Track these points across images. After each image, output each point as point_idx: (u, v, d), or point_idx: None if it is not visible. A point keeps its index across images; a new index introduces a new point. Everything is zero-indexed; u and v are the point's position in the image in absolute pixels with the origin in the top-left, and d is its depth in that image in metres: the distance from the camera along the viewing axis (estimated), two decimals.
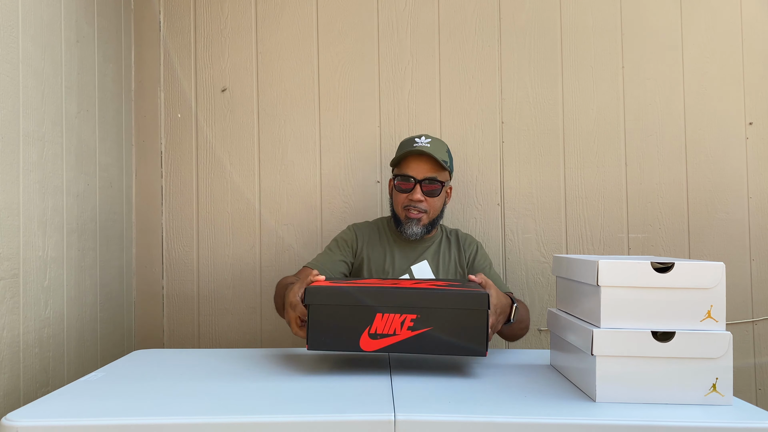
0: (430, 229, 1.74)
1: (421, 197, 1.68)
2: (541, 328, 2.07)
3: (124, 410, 1.02)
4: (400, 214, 1.73)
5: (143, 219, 2.11)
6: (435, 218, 1.74)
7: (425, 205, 1.69)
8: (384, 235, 1.81)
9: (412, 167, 1.69)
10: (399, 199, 1.72)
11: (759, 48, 2.06)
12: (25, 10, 1.44)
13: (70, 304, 1.65)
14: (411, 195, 1.68)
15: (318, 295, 1.22)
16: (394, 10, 2.10)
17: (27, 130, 1.44)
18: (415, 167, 1.69)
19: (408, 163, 1.70)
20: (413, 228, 1.70)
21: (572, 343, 1.21)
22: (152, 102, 2.12)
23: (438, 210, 1.74)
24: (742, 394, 1.96)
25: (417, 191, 1.68)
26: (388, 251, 1.78)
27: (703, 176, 2.06)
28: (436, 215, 1.74)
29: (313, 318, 1.22)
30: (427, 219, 1.71)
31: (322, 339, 1.22)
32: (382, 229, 1.83)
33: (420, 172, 1.68)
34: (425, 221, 1.71)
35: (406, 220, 1.71)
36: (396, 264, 1.75)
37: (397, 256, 1.76)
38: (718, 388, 1.07)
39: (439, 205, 1.73)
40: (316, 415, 0.99)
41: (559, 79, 2.08)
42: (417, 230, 1.71)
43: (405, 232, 1.72)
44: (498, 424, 0.98)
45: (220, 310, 2.10)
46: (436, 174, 1.69)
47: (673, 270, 1.09)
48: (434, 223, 1.74)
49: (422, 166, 1.69)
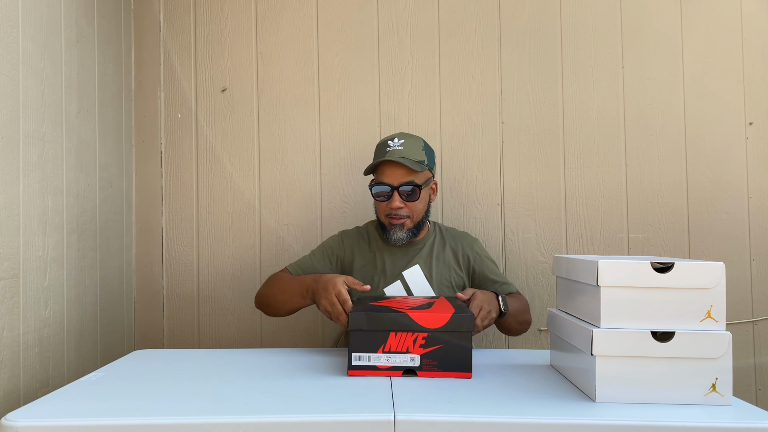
0: (417, 231, 1.72)
1: (400, 204, 1.64)
2: (541, 328, 2.07)
3: (124, 410, 1.02)
4: (384, 221, 1.70)
5: (143, 219, 2.11)
6: (420, 220, 1.71)
7: (406, 210, 1.66)
8: (373, 240, 1.78)
9: (387, 175, 1.65)
10: (380, 207, 1.69)
11: (759, 48, 2.06)
12: (25, 10, 1.44)
13: (70, 304, 1.65)
14: (390, 203, 1.65)
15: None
16: (394, 11, 2.10)
17: (27, 130, 1.44)
18: (390, 174, 1.64)
19: (383, 171, 1.66)
20: (398, 234, 1.68)
21: (572, 343, 1.21)
22: (152, 102, 2.12)
23: (422, 212, 1.70)
24: (742, 394, 1.96)
25: (395, 199, 1.64)
26: (378, 257, 1.75)
27: (703, 176, 2.06)
28: (421, 217, 1.71)
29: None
30: (411, 223, 1.69)
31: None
32: (371, 235, 1.80)
33: (396, 179, 1.64)
34: (409, 225, 1.69)
35: (390, 227, 1.69)
36: (387, 270, 1.72)
37: (387, 261, 1.73)
38: (717, 388, 1.07)
39: (421, 207, 1.70)
40: (316, 415, 0.99)
41: (559, 79, 2.08)
42: (402, 235, 1.69)
43: (390, 238, 1.70)
44: (498, 424, 0.98)
45: (220, 310, 2.10)
46: (413, 177, 1.65)
47: (673, 270, 1.09)
48: (420, 225, 1.72)
49: (397, 172, 1.64)
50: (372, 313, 1.26)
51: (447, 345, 1.25)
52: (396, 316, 1.26)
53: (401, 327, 1.25)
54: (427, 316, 1.26)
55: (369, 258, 1.75)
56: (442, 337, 1.25)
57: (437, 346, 1.24)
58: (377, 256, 1.75)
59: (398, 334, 1.25)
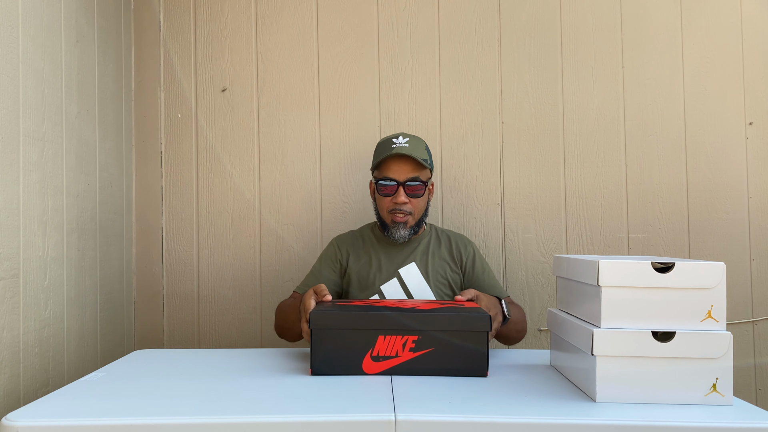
0: (417, 229, 1.74)
1: (405, 199, 1.66)
2: (541, 328, 2.07)
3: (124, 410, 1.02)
4: (386, 218, 1.71)
5: (143, 219, 2.11)
6: (420, 218, 1.73)
7: (410, 206, 1.68)
8: (369, 241, 1.79)
9: (393, 170, 1.67)
10: (384, 203, 1.70)
11: (759, 48, 2.06)
12: (25, 10, 1.44)
13: (70, 304, 1.65)
14: (395, 198, 1.66)
15: (321, 320, 1.23)
16: (394, 11, 2.10)
17: (27, 130, 1.44)
18: (397, 169, 1.67)
19: (389, 166, 1.68)
20: (400, 231, 1.69)
21: (572, 343, 1.21)
22: (152, 102, 2.12)
23: (422, 210, 1.73)
24: (742, 394, 1.96)
25: (401, 194, 1.66)
26: (374, 257, 1.76)
27: (703, 176, 2.06)
28: (421, 215, 1.73)
29: (316, 343, 1.23)
30: (413, 220, 1.70)
31: (325, 363, 1.24)
32: (366, 236, 1.81)
33: (402, 174, 1.66)
34: (411, 223, 1.70)
35: (393, 225, 1.70)
36: (383, 269, 1.73)
37: (383, 260, 1.74)
38: (718, 388, 1.07)
39: (423, 205, 1.72)
40: (316, 415, 0.99)
41: (559, 79, 2.08)
42: (404, 233, 1.70)
43: (393, 236, 1.71)
44: (498, 424, 0.98)
45: (220, 310, 2.10)
46: (418, 173, 1.67)
47: (673, 270, 1.09)
48: (420, 222, 1.73)
49: (403, 167, 1.67)
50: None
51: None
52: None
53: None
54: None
55: (365, 258, 1.76)
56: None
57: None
58: (373, 255, 1.76)
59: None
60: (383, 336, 1.22)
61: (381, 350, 1.22)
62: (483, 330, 1.23)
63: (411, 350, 1.22)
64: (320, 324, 1.23)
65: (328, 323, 1.23)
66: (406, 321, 1.22)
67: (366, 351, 1.23)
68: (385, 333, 1.22)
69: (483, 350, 1.23)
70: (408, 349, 1.22)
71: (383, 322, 1.22)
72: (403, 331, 1.22)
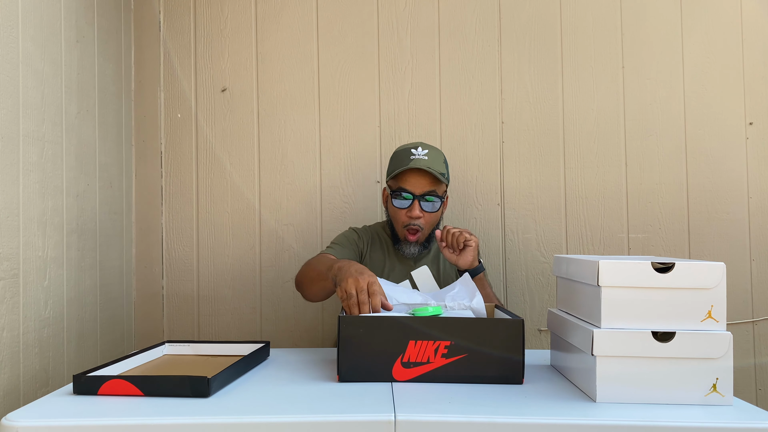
0: (427, 244, 1.74)
1: (419, 213, 1.64)
2: (541, 328, 2.07)
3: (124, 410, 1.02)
4: (399, 233, 1.71)
5: (143, 219, 2.11)
6: (430, 233, 1.72)
7: (422, 221, 1.66)
8: (383, 240, 1.80)
9: (410, 182, 1.65)
10: (398, 215, 1.68)
11: (759, 48, 2.06)
12: (25, 10, 1.44)
13: (70, 304, 1.65)
14: (410, 212, 1.65)
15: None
16: (394, 11, 2.10)
17: (27, 130, 1.44)
18: (414, 182, 1.64)
19: (406, 178, 1.65)
20: (411, 249, 1.70)
21: (572, 343, 1.21)
22: (152, 102, 2.12)
23: (435, 224, 1.71)
24: (743, 394, 1.96)
25: (416, 207, 1.64)
26: (387, 257, 1.77)
27: (703, 176, 2.06)
28: (432, 228, 1.71)
29: (344, 349, 1.18)
30: (423, 236, 1.70)
31: (353, 370, 1.18)
32: (381, 235, 1.82)
33: (418, 188, 1.64)
34: (422, 239, 1.70)
35: (405, 242, 1.70)
36: (396, 269, 1.74)
37: (396, 262, 1.76)
38: (718, 389, 1.07)
39: (436, 219, 1.70)
40: (316, 415, 0.99)
41: (559, 79, 2.08)
42: (414, 250, 1.70)
43: (403, 252, 1.71)
44: (498, 424, 0.98)
45: (220, 310, 2.10)
46: (435, 188, 1.65)
47: (673, 270, 1.09)
48: (430, 237, 1.72)
49: (421, 181, 1.64)
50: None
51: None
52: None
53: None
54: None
55: (379, 257, 1.77)
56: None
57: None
58: (386, 255, 1.77)
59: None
60: (414, 341, 1.17)
61: (412, 356, 1.17)
62: (518, 336, 1.18)
63: (443, 356, 1.17)
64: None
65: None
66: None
67: (396, 357, 1.17)
68: (416, 338, 1.17)
69: (518, 358, 1.18)
70: (440, 355, 1.17)
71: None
72: (435, 336, 1.17)
